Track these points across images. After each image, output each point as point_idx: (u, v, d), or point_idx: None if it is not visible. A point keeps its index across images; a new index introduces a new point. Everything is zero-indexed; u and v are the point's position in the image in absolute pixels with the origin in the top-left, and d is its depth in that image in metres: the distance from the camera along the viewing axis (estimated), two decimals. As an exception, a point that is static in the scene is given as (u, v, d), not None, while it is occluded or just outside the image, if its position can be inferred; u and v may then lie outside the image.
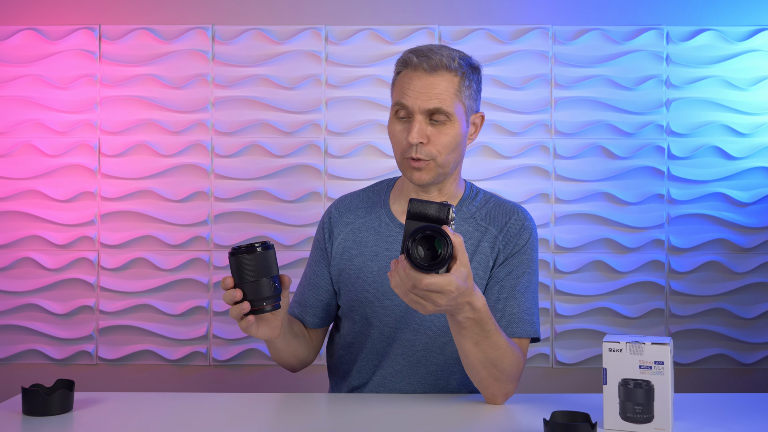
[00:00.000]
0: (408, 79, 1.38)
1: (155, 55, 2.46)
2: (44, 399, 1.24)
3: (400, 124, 1.40)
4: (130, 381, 2.45)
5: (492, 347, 1.27)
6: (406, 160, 1.40)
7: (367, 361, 1.50)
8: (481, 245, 1.45)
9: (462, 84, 1.39)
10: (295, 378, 2.43)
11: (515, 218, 1.47)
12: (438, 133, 1.38)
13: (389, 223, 1.50)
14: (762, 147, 2.43)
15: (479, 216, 1.48)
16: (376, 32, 2.45)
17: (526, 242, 1.45)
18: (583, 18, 2.46)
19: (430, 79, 1.36)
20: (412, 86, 1.37)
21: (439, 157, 1.39)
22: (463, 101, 1.40)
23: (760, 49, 2.43)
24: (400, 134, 1.40)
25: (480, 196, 1.52)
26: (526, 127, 2.44)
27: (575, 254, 2.44)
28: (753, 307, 2.43)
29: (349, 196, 1.58)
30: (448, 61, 1.37)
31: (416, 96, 1.36)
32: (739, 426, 1.19)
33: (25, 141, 2.44)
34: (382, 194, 1.55)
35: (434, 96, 1.36)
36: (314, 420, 1.28)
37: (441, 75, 1.37)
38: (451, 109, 1.37)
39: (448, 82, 1.37)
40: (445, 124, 1.38)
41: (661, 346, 1.14)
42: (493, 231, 1.46)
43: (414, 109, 1.37)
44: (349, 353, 1.53)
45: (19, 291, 2.44)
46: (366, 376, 1.50)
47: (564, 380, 2.45)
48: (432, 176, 1.41)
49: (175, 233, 2.45)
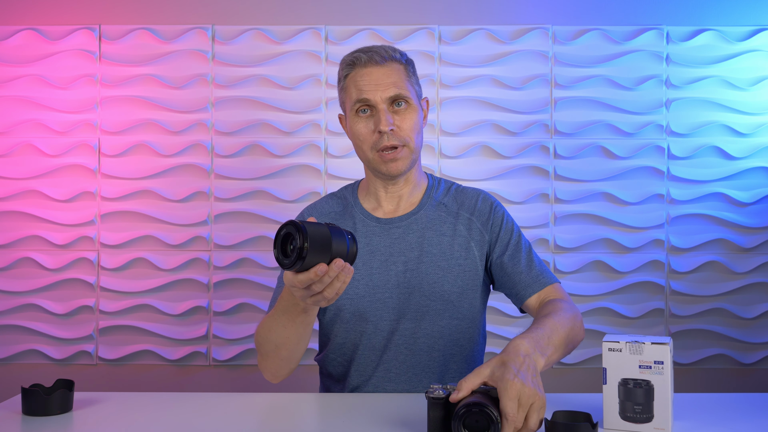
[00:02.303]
0: (361, 76, 1.45)
1: (155, 55, 2.46)
2: (44, 399, 1.24)
3: (363, 120, 1.46)
4: (130, 381, 2.45)
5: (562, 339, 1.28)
6: (378, 153, 1.45)
7: (365, 357, 1.50)
8: (457, 228, 1.51)
9: (408, 71, 1.48)
10: (295, 378, 2.42)
11: (482, 198, 1.55)
12: (402, 118, 1.45)
13: (364, 219, 1.53)
14: (762, 147, 2.43)
15: (447, 202, 1.55)
16: (376, 32, 2.45)
17: (503, 214, 1.53)
18: (583, 18, 2.46)
19: (383, 70, 1.44)
20: (369, 80, 1.44)
21: (410, 142, 1.46)
22: (414, 86, 1.49)
23: (760, 49, 2.43)
24: (365, 129, 1.46)
25: (443, 185, 1.59)
26: (526, 127, 2.44)
27: (575, 254, 2.44)
28: (753, 307, 2.43)
29: (318, 203, 1.60)
30: (391, 52, 1.47)
31: (375, 87, 1.43)
32: (739, 426, 1.19)
33: (25, 141, 2.44)
34: (350, 196, 1.59)
35: (391, 84, 1.44)
36: (315, 420, 1.28)
37: (390, 65, 1.46)
38: (408, 94, 1.46)
39: (397, 70, 1.46)
40: (407, 109, 1.46)
41: (661, 345, 1.14)
42: (465, 214, 1.53)
43: (377, 100, 1.43)
44: (342, 354, 1.53)
45: (19, 291, 2.44)
46: (367, 373, 1.50)
47: (564, 380, 2.45)
48: (407, 164, 1.47)
49: (175, 233, 2.45)
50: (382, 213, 1.54)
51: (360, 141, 1.46)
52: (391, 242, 1.50)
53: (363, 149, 1.47)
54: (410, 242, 1.50)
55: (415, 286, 1.47)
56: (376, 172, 1.49)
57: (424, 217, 1.52)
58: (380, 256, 1.49)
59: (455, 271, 1.48)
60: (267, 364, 1.43)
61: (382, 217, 1.53)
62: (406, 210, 1.53)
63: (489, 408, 1.03)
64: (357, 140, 1.47)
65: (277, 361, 1.41)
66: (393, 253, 1.49)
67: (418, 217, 1.52)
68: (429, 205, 1.53)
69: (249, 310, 2.44)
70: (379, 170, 1.47)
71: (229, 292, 2.44)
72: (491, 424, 1.03)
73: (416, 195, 1.54)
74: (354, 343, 1.50)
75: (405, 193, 1.53)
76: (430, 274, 1.48)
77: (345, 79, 1.48)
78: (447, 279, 1.48)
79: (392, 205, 1.54)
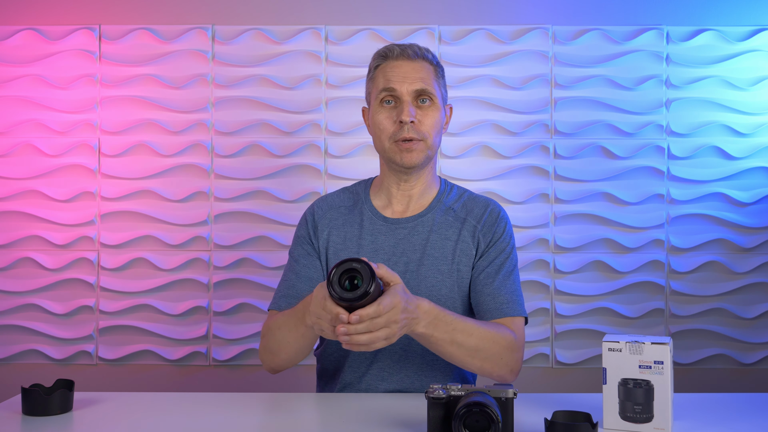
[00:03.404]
0: (391, 68, 1.48)
1: (155, 55, 2.46)
2: (44, 399, 1.24)
3: (386, 111, 1.48)
4: (130, 381, 2.45)
5: (466, 335, 1.32)
6: (395, 143, 1.47)
7: (360, 354, 1.50)
8: (462, 234, 1.51)
9: (437, 73, 1.52)
10: (295, 378, 2.43)
11: (491, 209, 1.55)
12: (424, 114, 1.48)
13: (372, 217, 1.54)
14: (762, 147, 2.43)
15: (456, 207, 1.55)
16: (376, 32, 2.45)
17: (504, 230, 1.53)
18: (583, 18, 2.46)
19: (413, 65, 1.48)
20: (398, 72, 1.47)
21: (428, 138, 1.48)
22: (440, 88, 1.52)
23: (760, 49, 2.43)
24: (387, 119, 1.48)
25: (455, 191, 1.59)
26: (526, 127, 2.44)
27: (575, 254, 2.44)
28: (753, 307, 2.43)
29: (330, 196, 1.62)
30: (424, 51, 1.51)
31: (403, 80, 1.47)
32: (739, 426, 1.19)
33: (25, 141, 2.44)
34: (362, 192, 1.59)
35: (419, 79, 1.47)
36: (315, 420, 1.27)
37: (421, 62, 1.49)
38: (434, 92, 1.49)
39: (427, 69, 1.50)
40: (430, 106, 1.49)
41: (661, 345, 1.14)
42: (471, 221, 1.53)
43: (402, 92, 1.46)
44: (338, 349, 1.53)
45: (19, 291, 2.44)
46: (361, 370, 1.51)
47: (564, 380, 2.45)
48: (422, 158, 1.48)
49: (175, 233, 2.45)
50: (391, 212, 1.54)
51: (380, 131, 1.49)
52: (396, 242, 1.51)
53: (381, 139, 1.49)
54: (414, 244, 1.50)
55: (414, 287, 1.47)
56: (390, 163, 1.51)
57: (431, 220, 1.53)
58: (383, 255, 1.50)
59: (454, 276, 1.49)
60: (266, 357, 1.48)
61: (389, 217, 1.54)
62: (415, 211, 1.54)
63: (489, 408, 1.04)
64: (377, 129, 1.49)
65: (276, 360, 1.46)
66: (396, 253, 1.50)
67: (425, 219, 1.53)
68: (438, 208, 1.54)
69: (249, 310, 2.44)
70: (393, 160, 1.48)
71: (229, 292, 2.44)
72: (491, 424, 1.03)
73: (426, 197, 1.55)
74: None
75: (416, 193, 1.54)
76: (429, 277, 1.48)
77: (375, 69, 1.52)
78: (445, 284, 1.48)
79: (402, 205, 1.54)
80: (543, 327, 2.44)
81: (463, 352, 1.33)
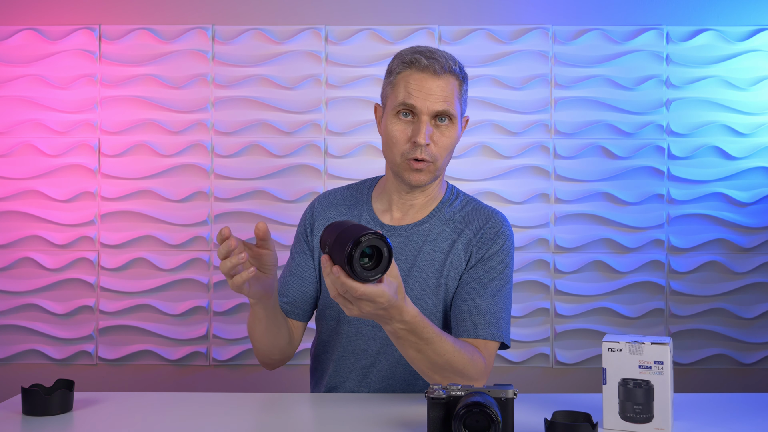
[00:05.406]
0: (415, 80, 1.39)
1: (155, 55, 2.46)
2: (44, 399, 1.24)
3: (402, 124, 1.41)
4: (130, 381, 2.45)
5: (436, 353, 1.26)
6: (407, 161, 1.41)
7: (345, 359, 1.50)
8: (455, 246, 1.46)
9: (461, 88, 1.44)
10: (295, 378, 2.43)
11: (491, 223, 1.48)
12: (440, 135, 1.41)
13: (369, 221, 1.51)
14: (762, 147, 2.43)
15: (457, 218, 1.49)
16: (376, 32, 2.45)
17: (500, 248, 1.45)
18: (583, 18, 2.46)
19: (438, 82, 1.39)
20: (422, 87, 1.39)
21: (439, 160, 1.42)
22: (461, 105, 1.44)
23: (760, 49, 2.43)
24: (401, 134, 1.41)
25: (460, 199, 1.53)
26: (526, 127, 2.44)
27: (575, 254, 2.44)
28: (753, 307, 2.43)
29: (333, 192, 1.59)
30: (452, 63, 1.41)
31: (425, 97, 1.38)
32: (739, 426, 1.19)
33: (25, 141, 2.44)
34: (364, 192, 1.56)
35: (442, 98, 1.39)
36: (314, 420, 1.27)
37: (446, 78, 1.40)
38: (455, 112, 1.41)
39: (452, 85, 1.41)
40: (448, 126, 1.41)
41: (661, 345, 1.14)
42: (468, 233, 1.47)
43: (422, 110, 1.39)
44: (325, 351, 1.54)
45: (19, 291, 2.44)
46: (344, 374, 1.50)
47: (564, 380, 2.45)
48: (430, 178, 1.43)
49: (175, 233, 2.45)
50: (389, 218, 1.51)
51: (392, 143, 1.42)
52: None
53: (393, 151, 1.43)
54: (406, 254, 1.47)
55: None
56: (397, 177, 1.46)
57: (427, 230, 1.48)
58: None
59: (441, 290, 1.45)
60: (255, 353, 1.52)
61: (386, 223, 1.50)
62: (413, 219, 1.50)
63: (489, 408, 1.04)
64: (389, 140, 1.43)
65: (260, 355, 1.51)
66: None
67: (421, 228, 1.49)
68: (437, 218, 1.49)
69: (249, 310, 2.44)
70: (401, 176, 1.44)
71: (229, 292, 2.44)
72: (491, 424, 1.03)
73: (428, 207, 1.51)
74: (336, 342, 1.51)
75: (418, 203, 1.50)
76: (416, 289, 1.45)
77: (397, 75, 1.42)
78: (430, 297, 1.45)
79: (401, 212, 1.51)
80: (543, 327, 2.44)
81: (426, 364, 1.28)
